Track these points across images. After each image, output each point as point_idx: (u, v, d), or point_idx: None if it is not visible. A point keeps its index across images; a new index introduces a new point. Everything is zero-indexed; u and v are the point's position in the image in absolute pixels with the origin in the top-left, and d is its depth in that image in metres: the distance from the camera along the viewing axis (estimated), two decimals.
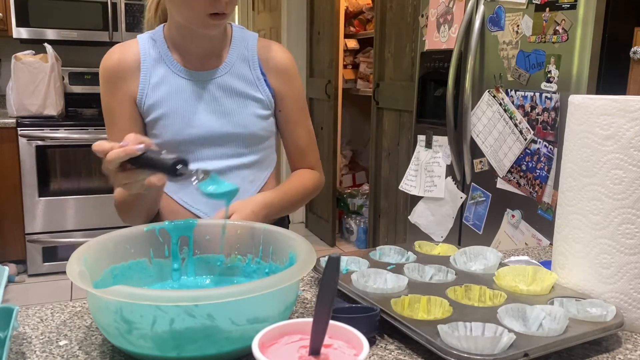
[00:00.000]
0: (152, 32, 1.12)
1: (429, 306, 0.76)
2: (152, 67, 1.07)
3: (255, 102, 1.11)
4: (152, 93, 1.07)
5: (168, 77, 1.07)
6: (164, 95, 1.07)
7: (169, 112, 1.07)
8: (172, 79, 1.07)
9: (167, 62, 1.08)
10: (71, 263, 0.70)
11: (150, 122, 1.08)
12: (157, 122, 1.07)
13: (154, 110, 1.07)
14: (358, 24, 4.12)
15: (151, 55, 1.08)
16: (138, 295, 0.62)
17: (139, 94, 1.06)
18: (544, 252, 1.14)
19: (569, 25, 1.68)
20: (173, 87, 1.07)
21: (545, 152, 1.78)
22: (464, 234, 2.21)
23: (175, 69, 1.08)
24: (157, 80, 1.07)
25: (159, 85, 1.07)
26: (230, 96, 1.09)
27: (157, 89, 1.06)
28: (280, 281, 0.66)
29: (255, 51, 1.13)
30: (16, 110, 3.26)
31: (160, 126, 1.08)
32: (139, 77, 1.06)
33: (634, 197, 0.76)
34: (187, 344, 0.63)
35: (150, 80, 1.06)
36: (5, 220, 3.24)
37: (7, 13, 3.31)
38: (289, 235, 0.84)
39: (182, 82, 1.07)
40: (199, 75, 1.08)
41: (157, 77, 1.07)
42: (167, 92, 1.07)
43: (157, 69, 1.07)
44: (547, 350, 0.66)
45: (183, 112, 1.07)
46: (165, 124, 1.07)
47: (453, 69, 2.08)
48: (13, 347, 0.70)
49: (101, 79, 1.09)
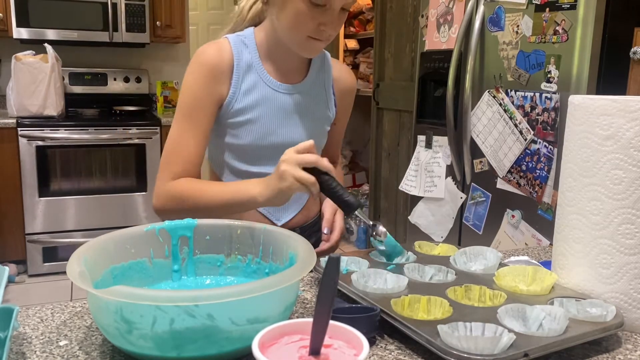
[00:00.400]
0: (243, 35, 1.13)
1: (429, 306, 0.76)
2: (244, 72, 1.11)
3: (324, 119, 1.21)
4: (243, 98, 1.11)
5: (258, 85, 1.12)
6: (253, 102, 1.11)
7: (255, 119, 1.11)
8: (261, 87, 1.12)
9: (257, 71, 1.12)
10: (71, 263, 0.70)
11: (234, 124, 1.11)
12: (242, 126, 1.11)
13: (241, 114, 1.11)
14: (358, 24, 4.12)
15: (244, 60, 1.11)
16: (138, 296, 0.62)
17: (229, 96, 1.10)
18: (544, 252, 1.14)
19: (569, 25, 1.68)
20: (262, 96, 1.12)
21: (545, 152, 1.78)
22: (464, 234, 2.21)
23: (264, 79, 1.12)
24: (247, 87, 1.11)
25: (249, 92, 1.11)
26: (308, 112, 1.17)
27: (248, 95, 1.11)
28: (280, 281, 0.66)
29: (330, 70, 1.21)
30: (16, 111, 3.26)
31: (243, 130, 1.12)
32: (230, 80, 1.09)
33: (633, 197, 0.76)
34: (187, 344, 0.64)
35: (242, 86, 1.10)
36: (5, 220, 3.24)
37: (7, 13, 3.31)
38: (289, 235, 0.84)
39: (270, 91, 1.13)
40: (285, 88, 1.14)
41: (248, 83, 1.11)
42: (256, 100, 1.11)
43: (249, 76, 1.11)
44: (547, 350, 0.66)
45: (267, 120, 1.12)
46: (250, 129, 1.12)
47: (453, 69, 2.08)
48: (13, 347, 0.70)
49: (197, 71, 1.09)
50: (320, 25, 1.02)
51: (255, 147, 1.14)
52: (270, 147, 1.14)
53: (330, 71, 1.21)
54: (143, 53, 3.97)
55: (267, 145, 1.14)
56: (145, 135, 3.42)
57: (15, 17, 3.29)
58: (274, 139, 1.14)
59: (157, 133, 3.44)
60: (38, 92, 3.27)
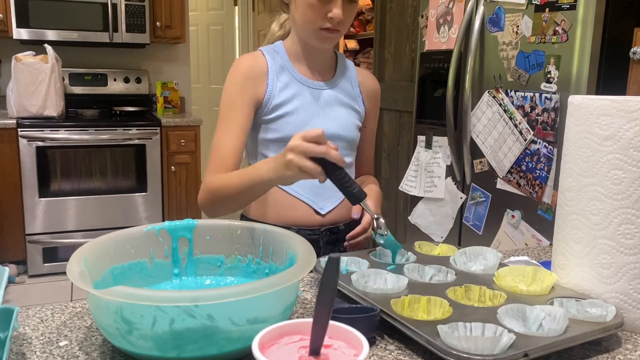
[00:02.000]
0: (273, 46, 1.28)
1: (429, 306, 0.76)
2: (277, 73, 1.24)
3: (355, 112, 1.31)
4: (279, 94, 1.22)
5: (291, 82, 1.24)
6: (289, 97, 1.23)
7: (292, 111, 1.22)
8: (295, 84, 1.24)
9: (289, 71, 1.25)
10: (71, 263, 0.70)
11: (274, 119, 1.22)
12: (280, 119, 1.22)
13: (279, 109, 1.22)
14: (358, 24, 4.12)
15: (277, 63, 1.25)
16: (138, 296, 0.62)
17: (267, 95, 1.21)
18: (544, 253, 1.15)
19: (569, 25, 1.68)
20: (295, 91, 1.24)
21: (545, 152, 1.78)
22: (464, 235, 2.21)
23: (296, 77, 1.25)
24: (282, 85, 1.23)
25: (284, 89, 1.23)
26: (339, 104, 1.28)
27: (283, 91, 1.23)
28: (280, 281, 0.66)
29: (355, 74, 1.34)
30: (16, 111, 3.26)
31: (282, 122, 1.22)
32: (266, 82, 1.22)
33: (633, 197, 0.76)
34: (188, 344, 0.64)
35: (277, 85, 1.23)
36: (5, 220, 3.24)
37: (8, 14, 3.31)
38: (289, 236, 0.85)
39: (302, 87, 1.25)
40: (316, 84, 1.26)
41: (282, 82, 1.23)
42: (291, 95, 1.23)
43: (282, 76, 1.24)
44: (547, 350, 0.66)
45: (303, 112, 1.23)
46: (288, 121, 1.22)
47: (453, 69, 2.08)
48: (13, 347, 0.70)
49: (234, 75, 1.23)
50: (329, 15, 1.14)
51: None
52: None
53: (354, 73, 1.33)
54: (143, 53, 3.97)
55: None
56: (145, 135, 3.42)
57: (15, 18, 3.29)
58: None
59: (157, 133, 3.44)
60: (38, 92, 3.27)
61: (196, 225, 0.89)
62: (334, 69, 1.31)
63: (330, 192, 1.25)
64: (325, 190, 1.24)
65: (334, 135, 1.25)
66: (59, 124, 3.29)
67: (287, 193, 1.24)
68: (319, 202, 1.25)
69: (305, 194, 1.24)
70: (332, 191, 1.21)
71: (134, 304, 0.62)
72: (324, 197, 1.26)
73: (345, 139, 1.27)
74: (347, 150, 1.29)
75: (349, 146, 1.29)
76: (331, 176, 0.92)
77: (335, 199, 1.26)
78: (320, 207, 1.25)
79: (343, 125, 1.27)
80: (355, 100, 1.32)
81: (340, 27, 1.17)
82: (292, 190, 1.23)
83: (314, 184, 1.18)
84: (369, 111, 1.37)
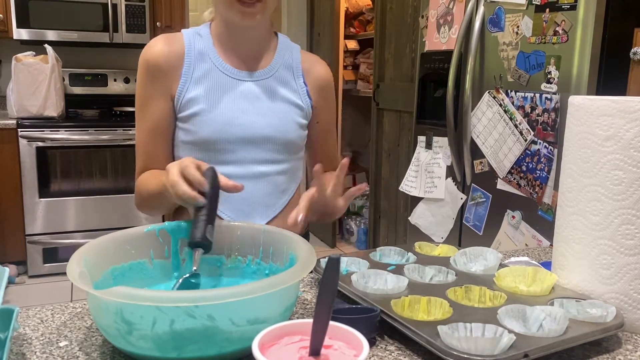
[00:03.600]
0: (198, 28, 1.10)
1: (429, 307, 0.76)
2: (195, 60, 1.05)
3: (296, 108, 1.11)
4: (193, 87, 1.04)
5: (212, 72, 1.05)
6: (206, 90, 1.04)
7: (208, 108, 1.03)
8: (216, 74, 1.05)
9: (211, 58, 1.05)
10: (71, 264, 0.70)
11: (187, 117, 1.05)
12: (195, 118, 1.04)
13: (193, 105, 1.04)
14: (358, 25, 4.12)
15: (196, 48, 1.06)
16: (138, 296, 0.62)
17: (180, 86, 1.03)
18: (544, 253, 1.14)
19: (569, 26, 1.68)
20: (216, 83, 1.04)
21: (546, 153, 1.78)
22: (464, 235, 2.21)
23: (219, 65, 1.05)
24: (200, 75, 1.04)
25: (201, 80, 1.04)
26: (274, 99, 1.08)
27: (199, 83, 1.04)
28: (280, 282, 0.66)
29: (299, 61, 1.13)
30: (16, 111, 3.26)
31: (197, 122, 1.04)
32: (181, 71, 1.04)
33: (633, 197, 0.76)
34: (188, 345, 0.64)
35: (193, 74, 1.04)
36: (5, 221, 3.24)
37: (8, 14, 3.31)
38: (289, 236, 0.84)
39: (225, 79, 1.05)
40: (244, 75, 1.07)
41: (200, 71, 1.04)
42: (209, 87, 1.04)
43: (201, 64, 1.05)
44: (547, 351, 0.66)
45: (224, 109, 1.04)
46: (204, 120, 1.04)
47: (453, 69, 2.08)
48: (13, 348, 0.70)
49: (140, 69, 1.07)
50: None
51: (215, 141, 1.05)
52: (231, 141, 1.05)
53: (298, 60, 1.14)
54: None
55: (228, 139, 1.05)
56: None
57: (15, 18, 3.29)
58: (235, 131, 1.05)
59: None
60: (38, 92, 3.27)
61: None
62: (271, 56, 1.10)
63: (252, 209, 1.07)
64: (250, 207, 1.07)
65: (264, 137, 1.06)
66: (59, 124, 3.29)
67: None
68: (237, 217, 1.07)
69: (224, 210, 1.06)
70: (255, 206, 1.07)
71: (134, 305, 0.62)
72: (245, 214, 1.07)
73: (278, 141, 1.07)
74: (283, 154, 1.09)
75: (286, 149, 1.09)
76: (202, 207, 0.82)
77: (261, 217, 1.09)
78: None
79: (276, 124, 1.07)
80: (297, 93, 1.11)
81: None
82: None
83: (239, 197, 1.00)
84: (320, 104, 1.15)
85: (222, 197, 0.92)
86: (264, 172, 1.09)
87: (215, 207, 0.84)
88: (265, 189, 1.09)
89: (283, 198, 1.13)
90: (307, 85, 1.13)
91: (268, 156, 1.09)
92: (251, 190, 1.07)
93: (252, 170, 1.08)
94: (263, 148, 1.08)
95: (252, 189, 1.07)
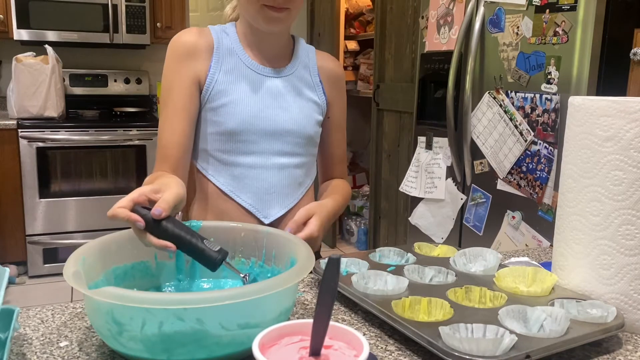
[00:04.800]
0: (224, 26, 1.15)
1: (430, 308, 0.76)
2: (224, 55, 1.10)
3: (314, 105, 1.17)
4: (223, 79, 1.09)
5: (239, 67, 1.10)
6: (235, 83, 1.09)
7: (237, 100, 1.09)
8: (243, 69, 1.10)
9: (238, 54, 1.11)
10: (68, 263, 0.70)
11: (215, 108, 1.09)
12: (223, 108, 1.09)
13: (222, 97, 1.09)
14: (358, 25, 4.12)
15: (224, 44, 1.11)
16: (126, 297, 0.61)
17: (209, 77, 1.08)
18: (544, 254, 1.14)
19: (569, 26, 1.68)
20: (243, 77, 1.10)
21: (546, 153, 1.78)
22: (464, 236, 2.21)
23: (246, 61, 1.11)
24: (228, 68, 1.09)
25: (229, 73, 1.09)
26: (295, 95, 1.14)
27: (228, 76, 1.09)
28: (270, 287, 0.64)
29: (315, 60, 1.20)
30: (17, 112, 3.27)
31: (225, 113, 1.09)
32: (210, 61, 1.08)
33: (634, 198, 0.76)
34: (177, 348, 0.63)
35: (222, 67, 1.09)
36: (6, 221, 3.24)
37: (8, 15, 3.32)
38: (291, 240, 0.84)
39: (252, 74, 1.11)
40: (268, 71, 1.12)
41: (229, 65, 1.10)
42: (237, 80, 1.10)
43: (229, 58, 1.10)
44: (548, 351, 0.66)
45: (251, 102, 1.09)
46: (232, 112, 1.09)
47: (453, 70, 2.08)
48: (14, 348, 0.70)
49: (171, 53, 1.10)
50: None
51: (240, 132, 1.10)
52: (255, 133, 1.10)
53: (314, 58, 1.21)
54: (143, 54, 3.97)
55: (253, 130, 1.10)
56: (146, 136, 3.43)
57: (15, 19, 3.29)
58: (260, 124, 1.10)
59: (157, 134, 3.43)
60: (38, 93, 3.27)
61: (200, 227, 0.89)
62: (291, 57, 1.17)
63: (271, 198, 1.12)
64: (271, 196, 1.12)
65: (286, 130, 1.11)
66: (60, 124, 3.29)
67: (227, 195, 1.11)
68: (263, 210, 1.12)
69: (246, 198, 1.11)
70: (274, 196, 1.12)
71: (123, 306, 0.62)
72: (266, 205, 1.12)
73: (298, 134, 1.13)
74: (302, 147, 1.15)
75: (305, 143, 1.15)
76: (175, 240, 0.78)
77: (277, 207, 1.13)
78: (264, 215, 1.12)
79: (297, 119, 1.12)
80: (314, 90, 1.17)
81: (290, 4, 1.05)
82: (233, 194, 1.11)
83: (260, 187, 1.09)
84: (332, 99, 1.21)
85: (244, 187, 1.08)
86: (283, 164, 1.14)
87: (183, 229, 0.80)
88: (284, 180, 1.14)
89: (299, 190, 1.17)
90: (322, 82, 1.20)
91: (288, 149, 1.14)
92: (271, 180, 1.13)
93: (273, 161, 1.13)
94: (284, 141, 1.13)
95: (272, 179, 1.13)
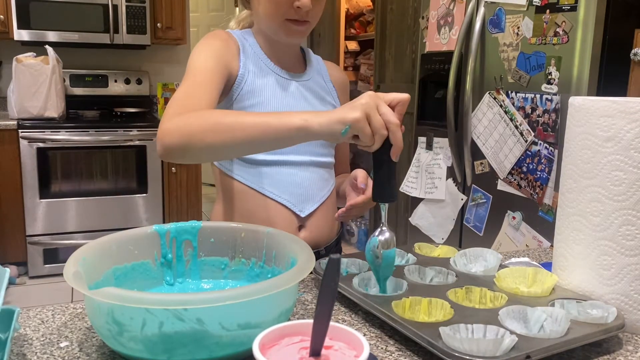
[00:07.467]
0: (242, 32, 1.17)
1: (430, 308, 0.76)
2: (249, 58, 1.12)
3: (332, 107, 1.20)
4: (252, 80, 1.10)
5: (263, 70, 1.13)
6: (262, 86, 1.11)
7: (264, 102, 1.11)
8: (267, 73, 1.13)
9: (260, 58, 1.14)
10: (68, 263, 0.70)
11: (244, 108, 1.10)
12: (253, 109, 1.10)
13: (251, 97, 1.10)
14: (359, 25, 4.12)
15: (247, 49, 1.13)
16: (126, 298, 0.61)
17: (239, 77, 1.09)
18: (544, 254, 1.14)
19: (570, 27, 1.68)
20: (268, 80, 1.12)
21: (546, 153, 1.78)
22: (464, 236, 2.21)
23: (270, 66, 1.13)
24: (255, 70, 1.12)
25: (257, 75, 1.11)
26: (315, 98, 1.18)
27: (257, 78, 1.11)
28: (270, 287, 0.64)
29: (325, 68, 1.26)
30: (17, 112, 3.27)
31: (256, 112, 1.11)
32: (239, 60, 1.10)
33: (634, 198, 0.76)
34: (177, 348, 0.63)
35: (249, 68, 1.11)
36: (6, 222, 3.24)
37: (9, 15, 3.32)
38: (291, 240, 0.84)
39: (277, 77, 1.14)
40: (291, 76, 1.16)
41: (256, 67, 1.12)
42: (264, 84, 1.11)
43: (255, 60, 1.13)
44: (549, 352, 0.66)
45: (277, 104, 1.12)
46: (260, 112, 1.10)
47: (454, 70, 2.08)
48: (14, 348, 0.70)
49: (211, 41, 1.08)
50: (295, 3, 1.04)
51: None
52: None
53: (324, 67, 1.26)
54: (144, 55, 3.97)
55: None
56: (146, 136, 3.43)
57: (16, 19, 3.29)
58: None
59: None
60: (39, 93, 3.27)
61: (201, 228, 0.89)
62: (304, 64, 1.21)
63: (311, 192, 1.13)
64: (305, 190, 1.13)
65: None
66: (60, 125, 3.29)
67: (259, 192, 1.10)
68: (299, 204, 1.12)
69: (280, 194, 1.11)
70: (315, 191, 1.13)
71: (124, 306, 0.62)
72: (304, 199, 1.13)
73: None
74: (325, 148, 1.19)
75: (327, 144, 1.19)
76: (381, 157, 0.79)
77: (314, 200, 1.14)
78: (299, 209, 1.12)
79: None
80: (330, 94, 1.22)
81: (310, 17, 1.07)
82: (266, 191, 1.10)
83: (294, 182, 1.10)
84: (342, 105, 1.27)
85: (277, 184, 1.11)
86: (310, 162, 1.17)
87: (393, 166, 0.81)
88: (313, 176, 1.16)
89: (325, 189, 1.19)
90: (335, 88, 1.25)
91: (312, 149, 1.16)
92: (302, 176, 1.15)
93: (301, 158, 1.15)
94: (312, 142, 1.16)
95: (302, 175, 1.15)
